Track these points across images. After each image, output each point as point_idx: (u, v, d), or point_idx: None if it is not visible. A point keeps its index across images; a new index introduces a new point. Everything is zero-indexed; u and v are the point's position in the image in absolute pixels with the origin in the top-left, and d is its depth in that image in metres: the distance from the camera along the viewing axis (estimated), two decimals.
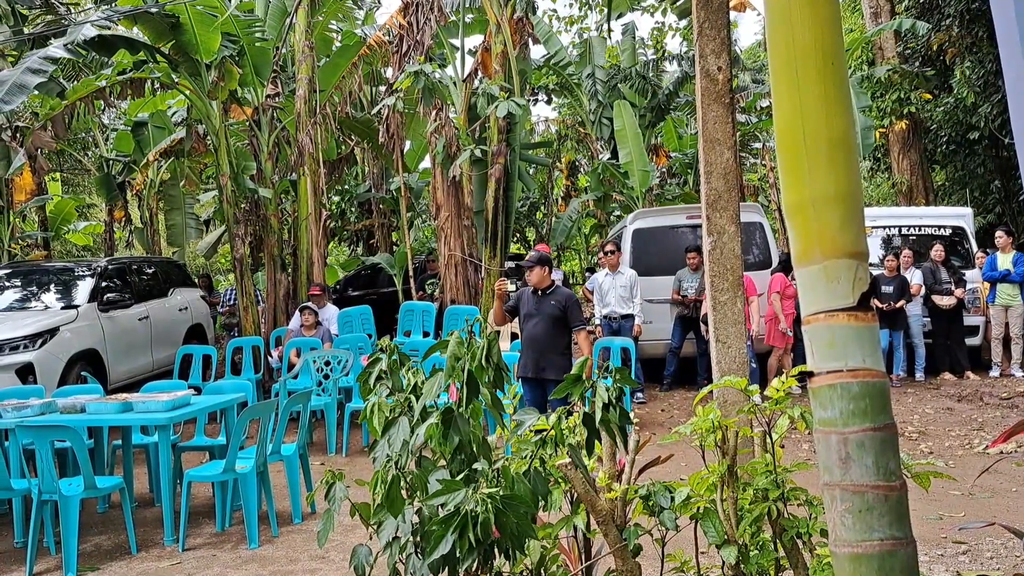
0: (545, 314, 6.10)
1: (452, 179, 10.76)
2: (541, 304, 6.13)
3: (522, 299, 6.30)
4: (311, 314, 9.31)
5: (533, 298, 6.20)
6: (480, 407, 2.30)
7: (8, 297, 9.31)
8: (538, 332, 6.10)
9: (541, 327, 6.10)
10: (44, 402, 5.66)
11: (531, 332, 6.14)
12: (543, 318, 6.10)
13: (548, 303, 6.11)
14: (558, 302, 6.11)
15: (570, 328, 6.14)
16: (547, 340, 6.09)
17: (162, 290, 10.89)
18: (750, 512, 2.28)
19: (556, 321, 6.09)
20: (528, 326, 6.18)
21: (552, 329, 6.09)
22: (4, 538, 5.40)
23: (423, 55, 10.79)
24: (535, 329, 6.12)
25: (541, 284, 6.14)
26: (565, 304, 6.11)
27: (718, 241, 4.02)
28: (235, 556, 4.98)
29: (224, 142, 10.81)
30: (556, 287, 6.24)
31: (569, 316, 6.11)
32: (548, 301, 6.12)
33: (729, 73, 3.98)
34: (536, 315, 6.12)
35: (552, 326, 6.09)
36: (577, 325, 6.14)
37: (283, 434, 5.64)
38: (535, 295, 6.19)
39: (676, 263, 9.43)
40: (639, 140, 13.49)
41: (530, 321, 6.16)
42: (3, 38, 11.41)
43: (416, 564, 2.21)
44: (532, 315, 6.15)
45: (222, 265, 19.39)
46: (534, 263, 6.17)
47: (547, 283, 6.17)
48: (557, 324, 6.10)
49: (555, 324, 6.09)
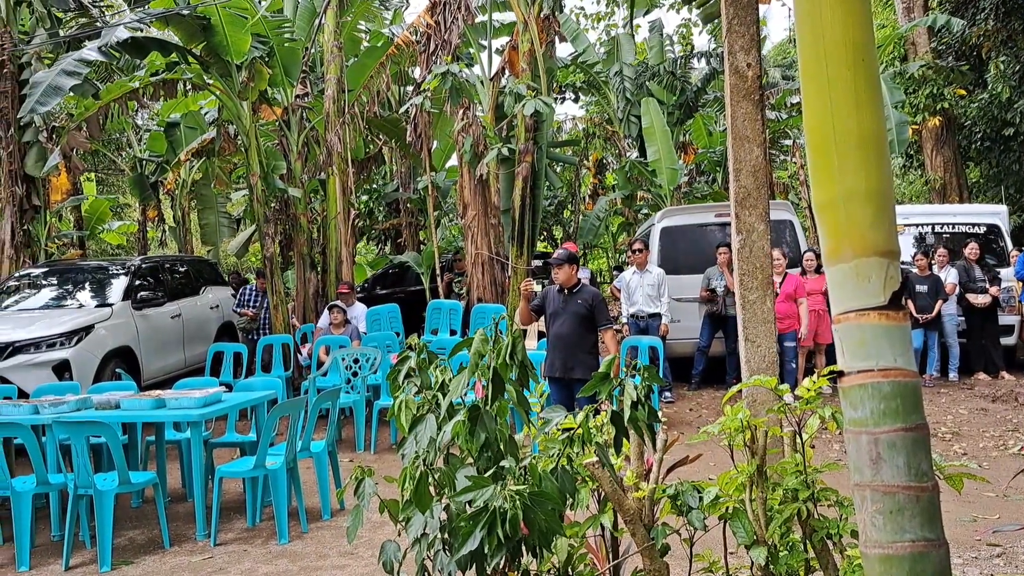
0: (571, 313, 6.07)
1: (479, 178, 10.78)
2: (568, 303, 6.10)
3: (548, 298, 6.28)
4: (340, 312, 9.38)
5: (559, 297, 6.17)
6: (506, 405, 2.31)
7: (45, 295, 9.50)
8: (564, 331, 6.08)
9: (567, 326, 6.07)
10: (80, 398, 5.77)
11: (557, 331, 6.12)
12: (569, 317, 6.07)
13: (575, 302, 6.09)
14: (584, 301, 6.08)
15: (596, 327, 6.11)
16: (574, 339, 6.06)
17: (194, 288, 11.03)
18: (780, 512, 2.27)
19: (583, 320, 6.06)
20: (554, 325, 6.15)
21: (578, 328, 6.07)
22: (42, 532, 5.51)
23: (450, 54, 10.82)
24: (561, 328, 6.09)
25: (568, 282, 6.12)
26: (591, 303, 6.08)
27: (747, 239, 3.99)
28: (265, 551, 5.04)
29: (254, 142, 10.92)
30: (582, 286, 6.21)
31: (595, 315, 6.08)
32: (575, 300, 6.09)
33: (759, 69, 3.94)
34: (562, 314, 6.10)
35: (579, 325, 6.06)
36: (603, 324, 6.11)
37: (312, 431, 5.69)
38: (561, 294, 6.17)
39: (704, 261, 9.37)
40: (667, 137, 13.41)
41: (556, 320, 6.13)
42: (39, 41, 11.62)
43: (444, 560, 2.23)
44: (558, 314, 6.12)
45: (253, 264, 19.60)
46: (562, 261, 6.14)
47: (574, 282, 6.15)
48: (584, 323, 6.07)
49: (581, 323, 6.07)
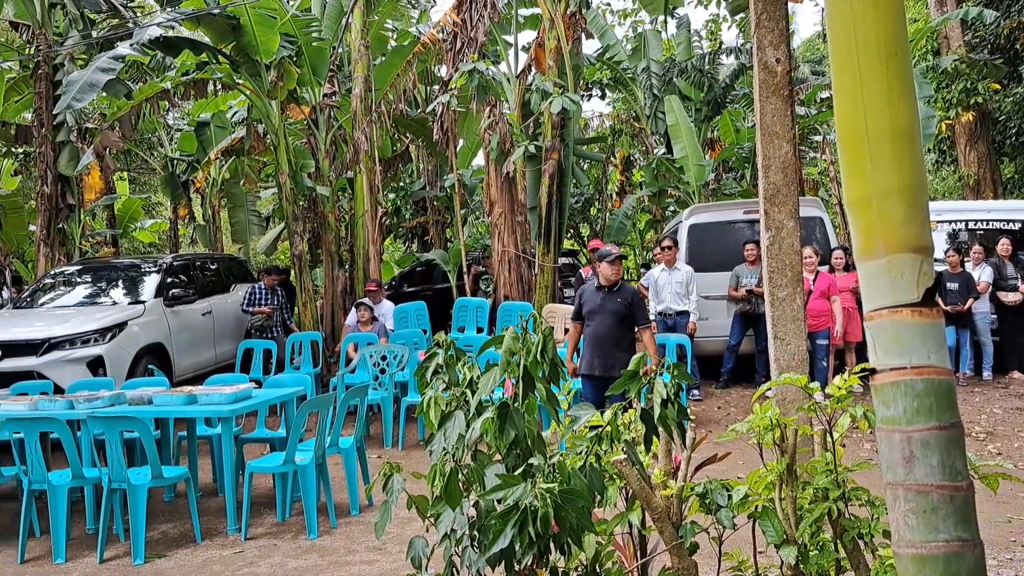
0: (611, 311, 6.04)
1: (506, 175, 10.79)
2: (607, 301, 6.07)
3: (585, 295, 6.25)
4: (367, 310, 9.44)
5: (598, 294, 6.14)
6: (535, 402, 2.31)
7: (79, 293, 9.67)
8: (603, 330, 6.05)
9: (606, 324, 6.04)
10: (114, 394, 5.87)
11: (596, 329, 6.08)
12: (609, 315, 6.04)
13: (614, 300, 6.06)
14: (624, 299, 6.06)
15: (635, 326, 6.09)
16: (613, 338, 6.03)
17: (224, 286, 11.15)
18: (810, 512, 2.25)
19: (621, 319, 6.04)
20: (593, 323, 6.12)
21: (617, 327, 6.04)
22: (77, 524, 5.61)
23: (477, 52, 10.83)
24: (600, 327, 6.06)
25: (614, 279, 6.11)
26: (631, 301, 6.06)
27: (776, 236, 3.96)
28: (295, 546, 5.09)
29: (283, 141, 11.03)
30: (622, 284, 6.19)
31: (635, 314, 6.06)
32: (614, 298, 6.06)
33: (788, 65, 3.90)
34: (601, 312, 6.07)
35: (617, 323, 6.04)
36: (643, 323, 6.09)
37: (341, 427, 5.74)
38: (600, 291, 6.14)
39: (733, 259, 9.29)
40: (693, 134, 13.32)
41: (594, 318, 6.10)
42: (72, 42, 11.81)
43: (472, 557, 2.24)
44: (596, 312, 6.09)
45: (281, 262, 19.79)
46: (615, 258, 6.11)
47: (617, 279, 6.14)
48: (623, 321, 6.05)
49: (620, 321, 6.04)
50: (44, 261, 11.38)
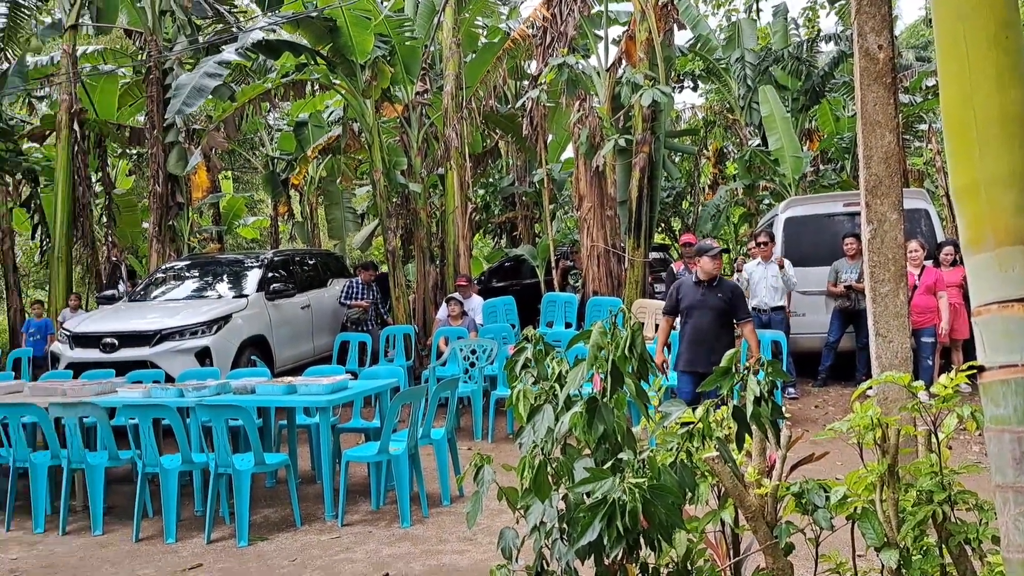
0: (711, 307, 5.99)
1: (595, 169, 10.73)
2: (707, 296, 6.02)
3: (682, 290, 6.19)
4: (457, 304, 9.58)
5: (697, 289, 6.08)
6: (624, 398, 2.30)
7: (188, 287, 10.17)
8: (704, 325, 6.00)
9: (707, 320, 5.99)
10: (219, 383, 6.15)
11: (697, 325, 6.03)
12: (709, 311, 5.99)
13: (714, 295, 6.00)
14: (724, 295, 6.00)
15: (735, 321, 6.01)
16: (714, 333, 5.98)
17: (322, 280, 11.51)
18: (913, 515, 2.16)
19: (722, 314, 5.99)
20: (693, 318, 6.07)
21: (718, 322, 6.00)
22: (186, 507, 5.91)
23: (567, 46, 10.81)
24: (700, 322, 6.01)
25: (715, 274, 6.03)
26: (731, 296, 6.01)
27: (879, 229, 3.81)
28: (389, 534, 5.23)
29: (377, 139, 11.29)
30: (721, 279, 6.13)
31: (736, 308, 5.99)
32: (714, 293, 6.00)
33: (891, 51, 3.75)
34: (701, 307, 6.01)
35: (718, 319, 5.99)
36: (744, 317, 6.02)
37: (432, 419, 5.85)
38: (699, 286, 6.08)
39: (831, 253, 8.98)
40: (789, 125, 12.92)
41: (694, 314, 6.05)
42: (180, 47, 12.41)
43: (562, 549, 2.25)
44: (696, 307, 6.04)
45: (376, 257, 20.30)
46: (717, 253, 6.06)
47: (717, 274, 6.07)
48: (723, 317, 6.00)
49: (721, 317, 5.99)
50: (156, 256, 12.03)
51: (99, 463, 5.66)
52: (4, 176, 14.04)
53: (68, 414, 5.60)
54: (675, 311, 6.25)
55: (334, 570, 4.62)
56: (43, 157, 15.81)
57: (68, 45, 12.83)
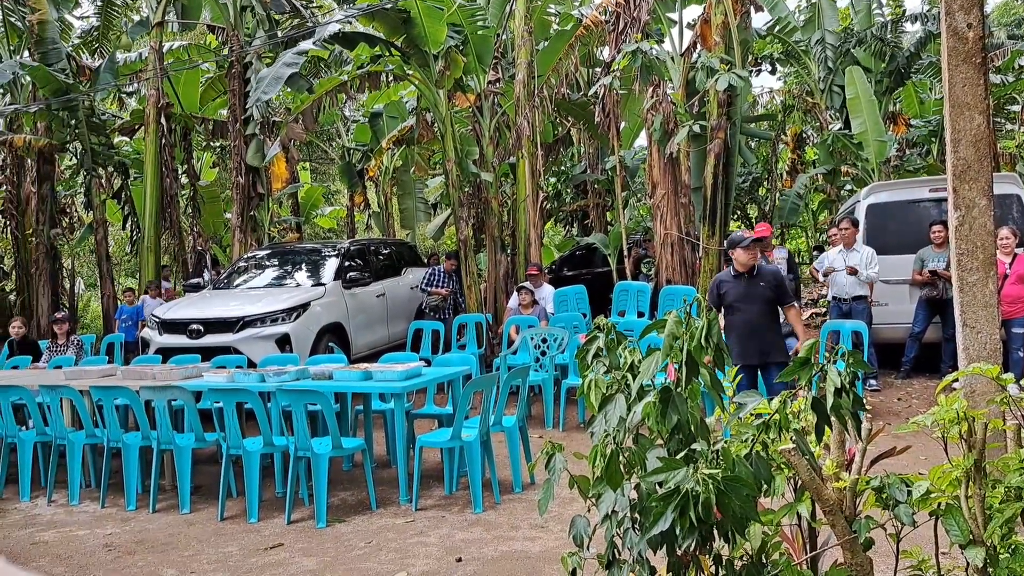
0: (757, 297, 5.93)
1: (669, 156, 10.59)
2: (751, 287, 5.95)
3: (723, 285, 6.11)
4: (528, 293, 9.61)
5: (739, 282, 6.01)
6: (698, 388, 2.28)
7: (268, 275, 10.48)
8: (754, 317, 5.92)
9: (756, 311, 5.92)
10: (299, 369, 6.34)
11: (746, 317, 5.95)
12: (756, 301, 5.92)
13: (757, 285, 5.93)
14: (767, 283, 5.92)
15: (780, 306, 5.94)
16: (765, 323, 5.92)
17: (396, 269, 11.70)
18: (1000, 512, 2.09)
19: (767, 303, 5.94)
20: (740, 312, 5.99)
21: (767, 311, 5.94)
22: (268, 488, 6.13)
23: (640, 32, 10.67)
24: (749, 314, 5.93)
25: (751, 264, 5.96)
26: (774, 283, 5.95)
27: (966, 216, 3.66)
28: (462, 519, 5.31)
29: (450, 129, 11.39)
30: (761, 267, 6.06)
31: (780, 294, 5.92)
32: (756, 283, 5.93)
33: (981, 30, 3.58)
34: (746, 299, 5.94)
35: (766, 307, 5.94)
36: (787, 302, 5.95)
37: (504, 406, 5.90)
38: (740, 279, 6.00)
39: (916, 240, 8.65)
40: (875, 107, 12.45)
41: (741, 307, 5.98)
42: (260, 42, 12.75)
43: (633, 539, 2.25)
44: (742, 300, 5.97)
45: (448, 247, 20.52)
46: (750, 243, 5.98)
47: (754, 264, 5.99)
48: (770, 305, 5.95)
49: (767, 305, 5.95)
50: (238, 246, 12.42)
51: (186, 444, 5.91)
52: (97, 169, 14.71)
53: (158, 397, 5.86)
54: (718, 307, 6.16)
55: (408, 553, 4.72)
56: (132, 150, 16.55)
57: (155, 42, 13.34)
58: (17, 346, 9.24)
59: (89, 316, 21.17)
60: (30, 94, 14.09)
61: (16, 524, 5.82)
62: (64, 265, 18.72)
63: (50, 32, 13.51)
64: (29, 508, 6.21)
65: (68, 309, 16.96)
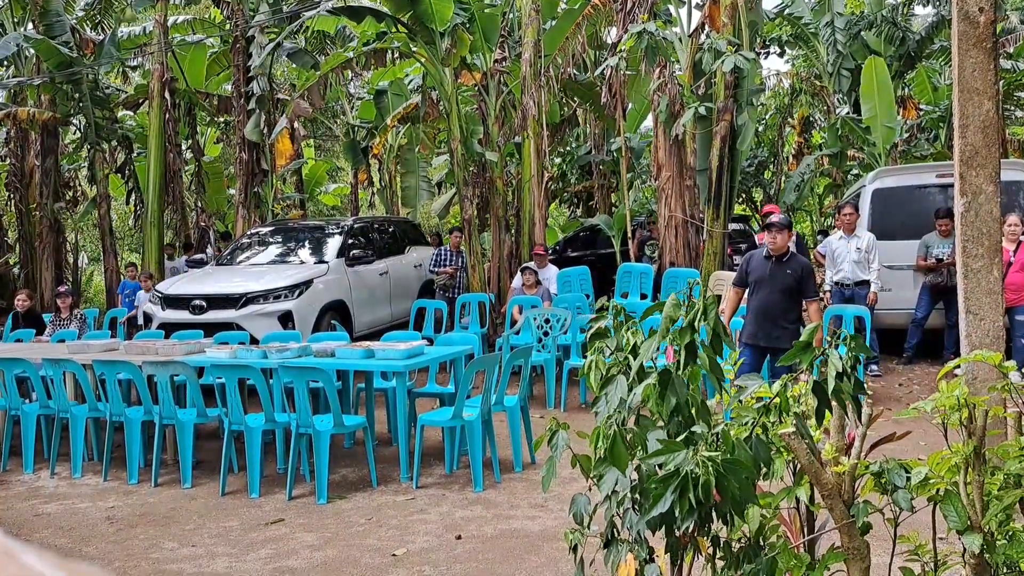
0: (779, 282, 5.91)
1: (674, 138, 10.53)
2: (776, 272, 5.93)
3: (752, 263, 6.10)
4: (532, 274, 9.60)
5: (766, 263, 5.98)
6: (699, 371, 2.28)
7: (271, 252, 10.48)
8: (771, 301, 5.93)
9: (775, 296, 5.91)
10: (301, 346, 6.35)
11: (764, 300, 5.96)
12: (777, 286, 5.90)
13: (783, 271, 5.90)
14: (794, 271, 5.89)
15: (802, 298, 5.91)
16: (780, 309, 5.92)
17: (399, 247, 11.69)
18: (999, 499, 2.09)
19: (789, 290, 5.90)
20: (760, 293, 5.99)
21: (785, 298, 5.92)
22: (269, 464, 6.16)
23: (648, 12, 10.58)
24: (767, 297, 5.94)
25: (780, 249, 5.93)
26: (801, 273, 5.91)
27: (972, 202, 3.64)
28: (462, 497, 5.34)
29: (455, 107, 11.32)
30: (792, 254, 6.02)
31: (804, 286, 5.89)
32: (784, 269, 5.91)
33: (992, 14, 3.54)
34: (769, 283, 5.93)
35: (785, 294, 5.91)
36: (811, 295, 5.92)
37: (506, 386, 5.91)
38: (769, 261, 5.98)
39: (921, 226, 8.62)
40: (888, 95, 12.35)
41: (762, 288, 5.98)
42: (264, 16, 12.66)
43: (633, 519, 2.26)
44: (763, 282, 5.96)
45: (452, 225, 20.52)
46: (783, 226, 5.95)
47: (785, 248, 5.96)
48: (790, 293, 5.91)
49: (788, 292, 5.90)
50: (241, 222, 12.42)
51: (188, 419, 5.94)
52: (101, 143, 14.68)
53: (160, 372, 5.88)
54: (743, 283, 6.17)
55: (408, 530, 4.75)
56: (136, 125, 16.50)
57: (159, 15, 13.25)
58: (22, 319, 9.26)
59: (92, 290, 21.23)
60: (34, 67, 14.03)
61: (19, 496, 5.87)
62: (68, 239, 18.74)
63: (54, 4, 13.44)
64: (32, 480, 6.26)
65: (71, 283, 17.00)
